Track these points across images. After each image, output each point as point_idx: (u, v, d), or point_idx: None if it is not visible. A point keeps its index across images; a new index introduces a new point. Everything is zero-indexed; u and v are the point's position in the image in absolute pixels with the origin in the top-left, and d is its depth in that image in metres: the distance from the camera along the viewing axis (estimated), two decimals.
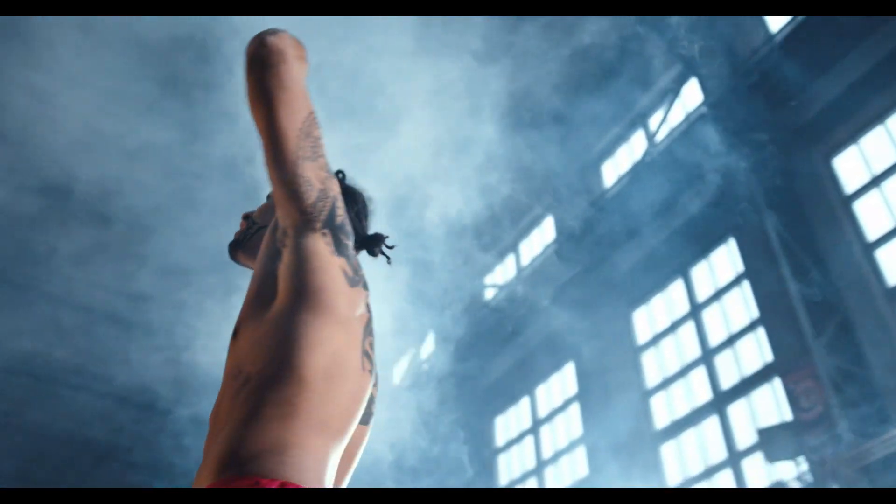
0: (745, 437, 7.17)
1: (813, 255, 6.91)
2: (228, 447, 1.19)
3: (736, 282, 7.74)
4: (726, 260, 7.96)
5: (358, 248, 1.63)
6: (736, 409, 7.38)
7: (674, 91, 8.85)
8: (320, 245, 1.36)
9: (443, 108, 7.39)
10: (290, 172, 1.34)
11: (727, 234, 7.88)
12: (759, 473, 6.87)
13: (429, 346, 11.63)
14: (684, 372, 8.00)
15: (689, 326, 8.11)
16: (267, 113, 1.33)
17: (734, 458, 7.12)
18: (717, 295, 7.92)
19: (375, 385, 1.54)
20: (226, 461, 1.17)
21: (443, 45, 6.98)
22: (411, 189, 8.37)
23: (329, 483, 1.24)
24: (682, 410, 7.89)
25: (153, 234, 8.06)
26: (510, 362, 10.10)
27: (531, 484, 9.38)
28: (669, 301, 8.50)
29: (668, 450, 7.90)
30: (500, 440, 10.24)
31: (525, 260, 10.50)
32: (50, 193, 8.14)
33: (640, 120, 9.44)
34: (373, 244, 1.67)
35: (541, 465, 9.28)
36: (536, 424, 9.64)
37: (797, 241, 6.97)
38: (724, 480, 7.17)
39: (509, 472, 9.90)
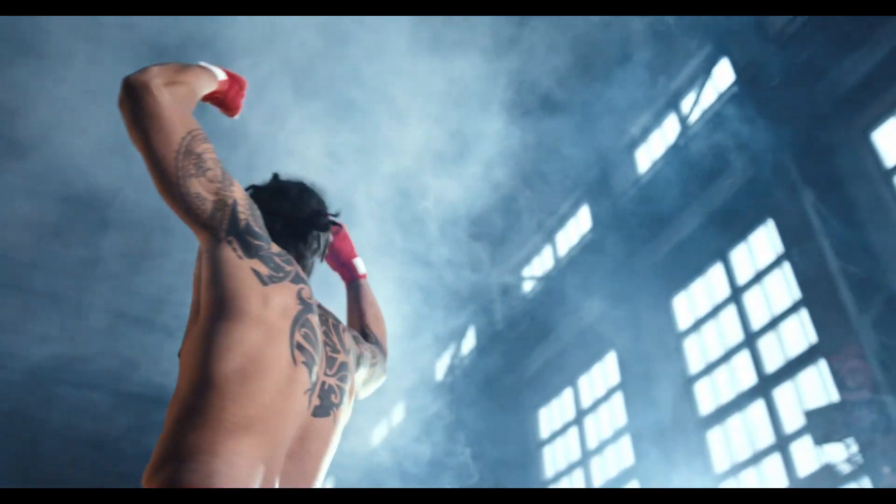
0: (792, 420, 7.05)
1: (854, 231, 6.75)
2: (152, 460, 1.27)
3: (776, 263, 7.60)
4: (765, 241, 7.83)
5: (303, 231, 1.70)
6: (782, 392, 7.25)
7: (705, 73, 8.72)
8: (227, 253, 1.43)
9: (466, 102, 7.38)
10: (177, 194, 1.42)
11: (765, 215, 7.75)
12: (808, 457, 6.75)
13: (469, 341, 11.65)
14: (727, 357, 7.88)
15: (731, 310, 7.99)
16: (142, 144, 1.40)
17: (782, 442, 7.00)
18: (758, 277, 7.79)
19: (335, 374, 1.53)
20: (147, 474, 1.26)
21: (458, 40, 6.98)
22: (445, 185, 8.39)
23: (256, 483, 1.27)
24: (726, 396, 7.78)
25: (175, 236, 8.20)
26: (551, 353, 10.06)
27: (577, 475, 9.33)
28: (709, 286, 8.39)
29: (714, 436, 7.79)
30: (544, 432, 10.20)
31: (562, 250, 10.44)
32: (72, 201, 8.33)
33: (673, 104, 9.32)
34: (313, 223, 1.72)
35: (586, 455, 9.23)
36: (580, 415, 9.58)
37: (837, 218, 6.82)
38: (773, 465, 7.06)
39: (554, 464, 9.86)
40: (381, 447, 12.56)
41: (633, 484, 8.34)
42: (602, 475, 8.93)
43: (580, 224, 10.31)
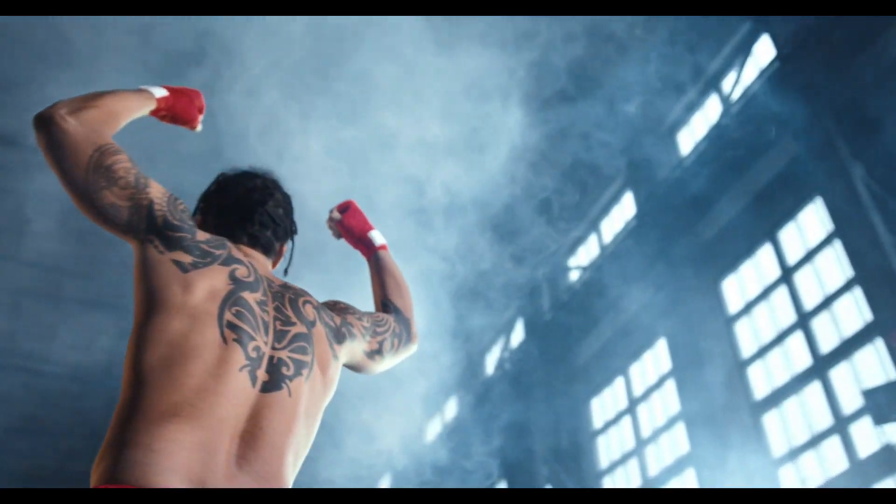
0: (850, 400, 6.87)
1: None
2: (98, 455, 1.33)
3: (827, 241, 7.41)
4: (815, 219, 7.64)
5: (246, 214, 1.77)
6: (838, 373, 7.07)
7: (745, 50, 8.54)
8: (149, 251, 1.51)
9: (490, 95, 7.35)
10: (92, 209, 1.52)
11: (813, 192, 7.56)
12: (868, 437, 6.57)
13: (518, 333, 11.62)
14: (781, 339, 7.72)
15: (782, 291, 7.82)
16: (56, 172, 1.51)
17: (841, 424, 6.83)
18: (809, 256, 7.61)
19: (286, 347, 1.52)
20: (92, 469, 1.32)
21: (474, 35, 6.95)
22: (485, 176, 8.38)
23: (189, 467, 1.26)
24: (781, 378, 7.62)
25: None
26: (600, 343, 9.97)
27: (632, 465, 9.24)
28: (759, 267, 8.22)
29: (770, 420, 7.64)
30: (597, 422, 10.12)
31: (607, 238, 10.34)
32: None
33: (713, 84, 9.15)
34: (249, 201, 1.79)
35: (640, 444, 9.13)
36: (633, 404, 9.48)
37: (888, 191, 6.61)
38: (832, 447, 6.89)
39: (609, 454, 9.78)
40: (435, 443, 12.61)
41: (690, 472, 8.23)
42: (657, 464, 8.82)
43: (624, 211, 10.20)
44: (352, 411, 10.02)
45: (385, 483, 13.55)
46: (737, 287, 8.45)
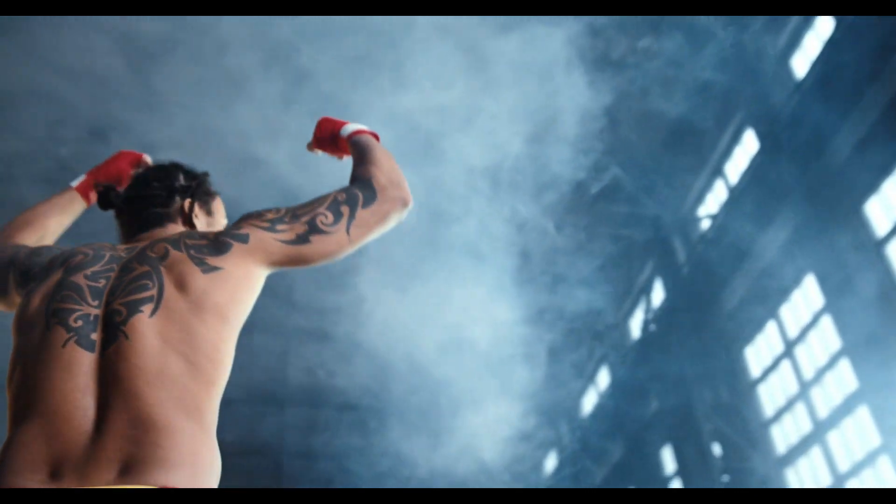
0: None
1: None
2: None
3: None
4: None
5: (129, 206, 1.86)
6: None
7: None
8: (19, 298, 1.65)
9: (589, 54, 7.20)
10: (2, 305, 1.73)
11: None
12: None
13: (658, 293, 11.35)
14: None
15: None
16: None
17: None
18: None
19: (120, 296, 1.48)
20: None
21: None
22: (587, 132, 8.26)
23: (31, 459, 1.30)
24: None
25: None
26: (744, 289, 9.56)
27: (800, 409, 8.82)
28: None
29: None
30: (755, 371, 9.73)
31: (733, 180, 9.89)
32: None
33: None
34: (120, 195, 1.88)
35: (804, 387, 8.70)
36: (789, 346, 9.04)
37: None
38: None
39: (773, 401, 9.38)
40: (594, 413, 12.53)
41: (864, 408, 7.77)
42: (826, 405, 8.39)
43: (747, 149, 9.72)
44: (514, 389, 10.12)
45: (551, 460, 13.59)
46: (881, 207, 7.89)
